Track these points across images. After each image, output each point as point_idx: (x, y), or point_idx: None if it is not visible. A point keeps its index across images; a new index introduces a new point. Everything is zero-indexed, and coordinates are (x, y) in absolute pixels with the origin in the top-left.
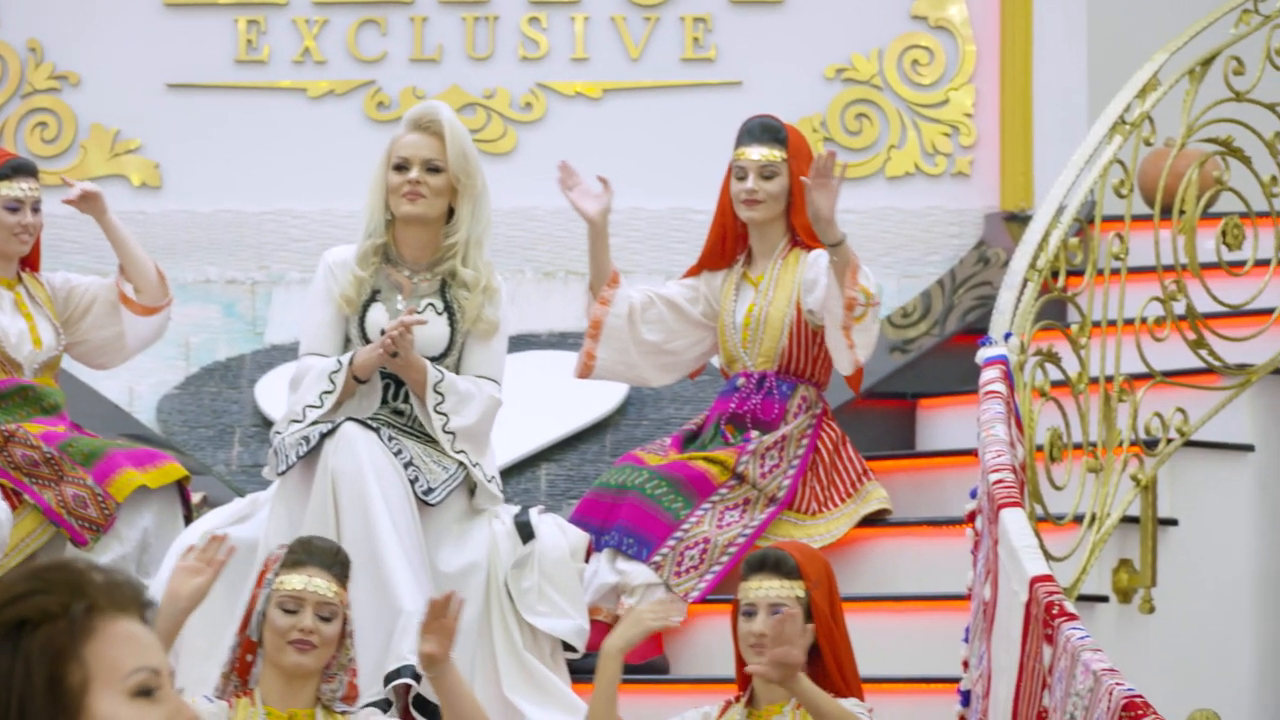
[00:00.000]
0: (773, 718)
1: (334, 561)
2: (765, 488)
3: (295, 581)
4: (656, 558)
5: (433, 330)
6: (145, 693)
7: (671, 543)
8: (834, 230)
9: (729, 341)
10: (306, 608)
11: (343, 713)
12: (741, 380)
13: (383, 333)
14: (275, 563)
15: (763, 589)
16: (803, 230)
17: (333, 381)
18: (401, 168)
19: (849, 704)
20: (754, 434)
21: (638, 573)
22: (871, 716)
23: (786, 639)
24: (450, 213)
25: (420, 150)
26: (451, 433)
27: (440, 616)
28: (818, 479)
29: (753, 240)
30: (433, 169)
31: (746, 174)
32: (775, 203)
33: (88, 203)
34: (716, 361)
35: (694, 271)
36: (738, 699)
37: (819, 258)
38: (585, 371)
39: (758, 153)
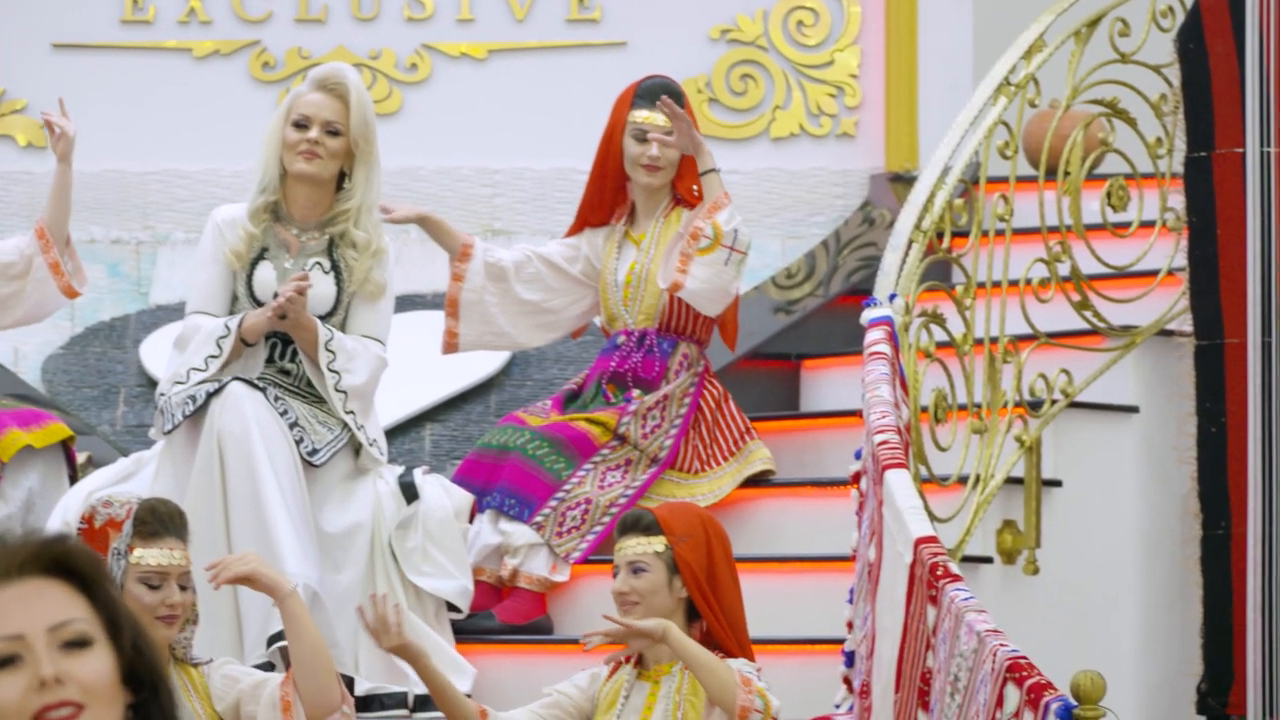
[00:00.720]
0: (661, 678)
1: (183, 525)
2: (647, 448)
3: (157, 556)
4: (538, 518)
5: (320, 290)
6: (3, 662)
7: (553, 503)
8: (706, 159)
9: (610, 300)
10: (170, 581)
11: (195, 664)
12: (622, 338)
13: (275, 296)
14: (121, 528)
15: (624, 548)
16: (685, 191)
17: (219, 346)
18: (301, 125)
19: (737, 664)
20: (635, 393)
21: (520, 533)
22: (760, 676)
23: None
24: (341, 176)
25: (322, 111)
26: (343, 391)
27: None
28: (700, 437)
29: (636, 200)
30: (332, 131)
31: (647, 137)
32: (673, 167)
33: (64, 141)
34: (598, 321)
35: (574, 230)
36: (627, 660)
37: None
38: (449, 349)
39: (662, 117)
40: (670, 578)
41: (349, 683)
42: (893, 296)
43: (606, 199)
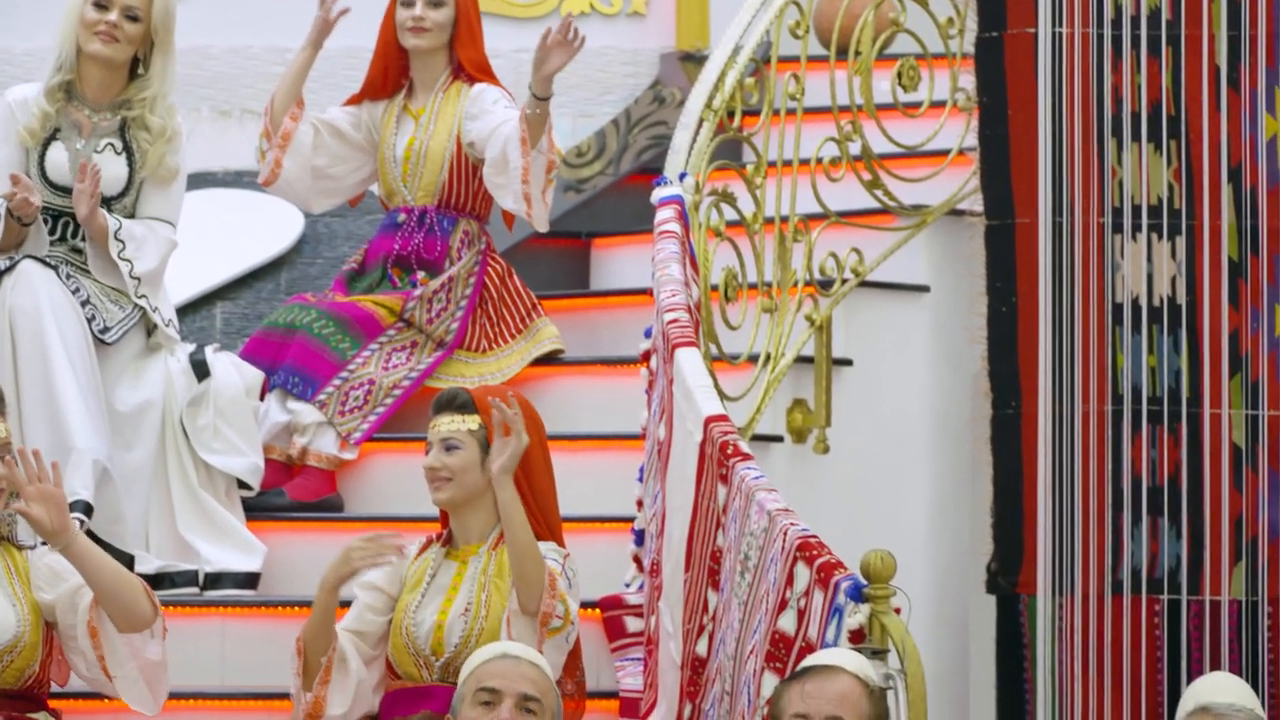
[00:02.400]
0: (469, 558)
1: (1, 399)
2: (433, 332)
3: None
4: (321, 397)
5: (111, 171)
6: None
7: (337, 382)
8: (549, 86)
9: (389, 175)
10: None
11: (20, 547)
12: (402, 216)
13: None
14: None
15: (437, 426)
16: (468, 63)
17: None
18: (101, 6)
19: (548, 555)
20: (420, 276)
21: (308, 412)
22: (569, 565)
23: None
24: (135, 60)
25: None
26: (136, 278)
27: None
28: (487, 316)
29: (414, 71)
30: (132, 17)
31: (413, 1)
32: (441, 32)
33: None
34: (376, 190)
35: (355, 100)
36: (438, 537)
37: (483, 93)
38: (271, 179)
39: None
40: (482, 456)
41: (129, 561)
42: (683, 175)
43: (390, 73)
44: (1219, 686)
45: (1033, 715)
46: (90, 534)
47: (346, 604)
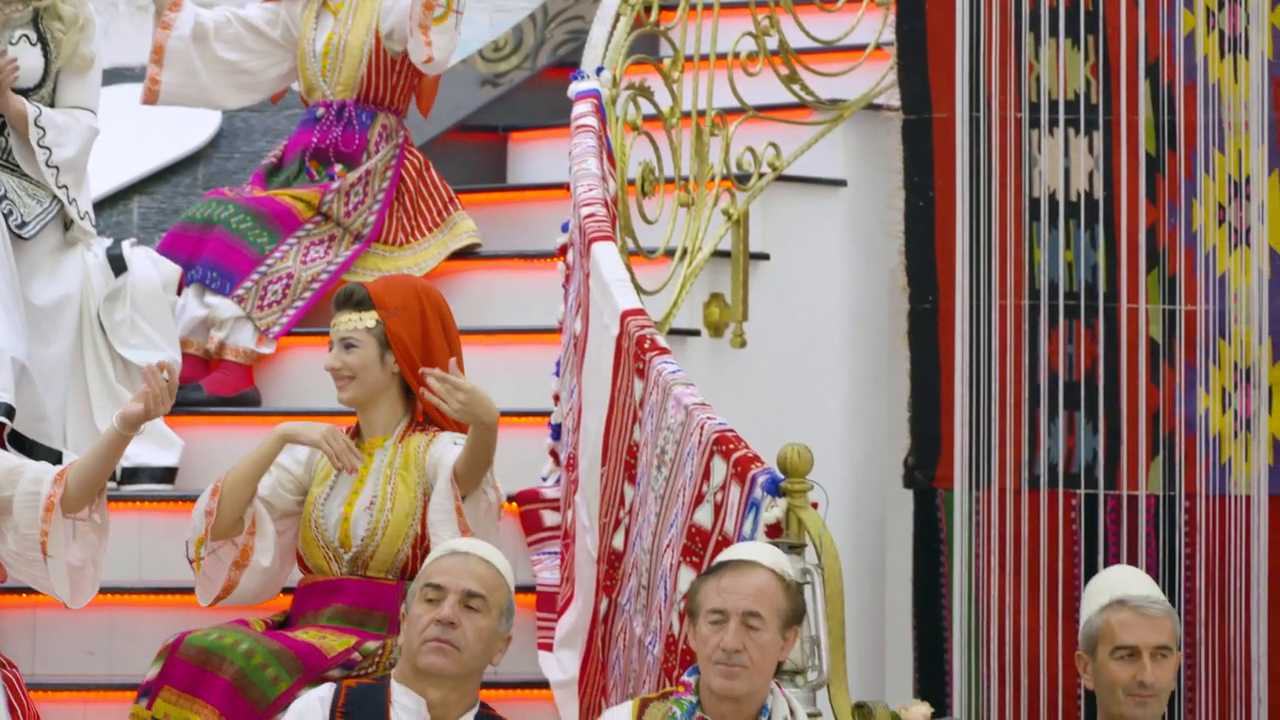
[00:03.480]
0: (375, 451)
1: None
2: (350, 225)
3: None
4: (239, 291)
5: (27, 63)
6: None
7: (255, 277)
8: None
9: (309, 70)
10: None
11: None
12: (321, 110)
13: None
14: None
15: (336, 324)
16: None
17: None
18: None
19: (448, 437)
20: (338, 169)
21: (225, 306)
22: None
23: (359, 369)
24: None
25: None
26: (55, 166)
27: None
28: (404, 209)
29: None
30: None
31: None
32: None
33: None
34: (296, 88)
35: None
36: (347, 431)
37: None
38: (150, 98)
39: None
40: (382, 353)
41: (57, 458)
42: (600, 70)
43: None
44: (1130, 580)
45: (949, 609)
46: (15, 435)
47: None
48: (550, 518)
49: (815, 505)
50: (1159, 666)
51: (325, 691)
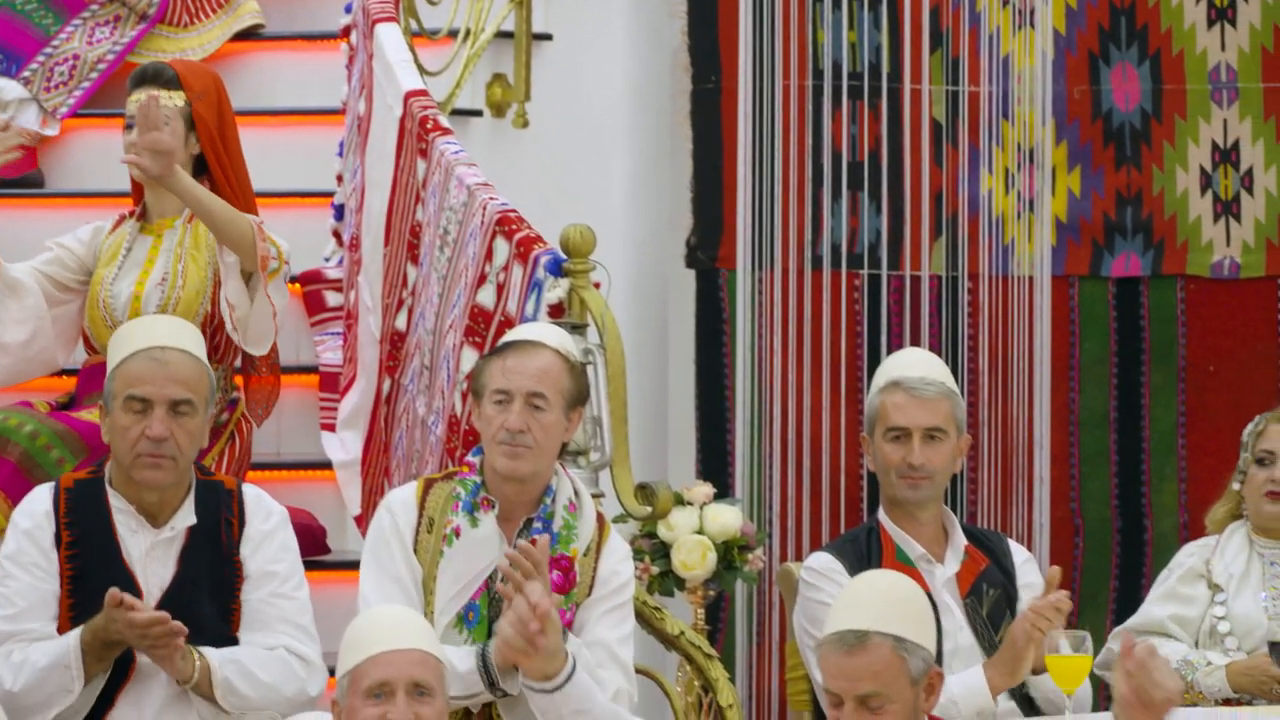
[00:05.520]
0: (164, 232)
1: None
2: (136, 5)
3: None
4: (26, 73)
5: None
6: None
7: (41, 58)
8: None
9: None
10: None
11: None
12: None
13: None
14: None
15: (140, 100)
16: None
17: None
18: None
19: (246, 217)
20: None
21: (10, 88)
22: (264, 229)
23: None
24: None
25: None
26: None
27: None
28: None
29: None
30: None
31: None
32: None
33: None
34: None
35: None
36: (131, 214)
37: None
38: None
39: None
40: (187, 133)
41: None
42: None
43: None
44: (910, 362)
45: (731, 390)
46: None
47: None
48: (333, 298)
49: (598, 285)
50: (930, 449)
51: (45, 492)
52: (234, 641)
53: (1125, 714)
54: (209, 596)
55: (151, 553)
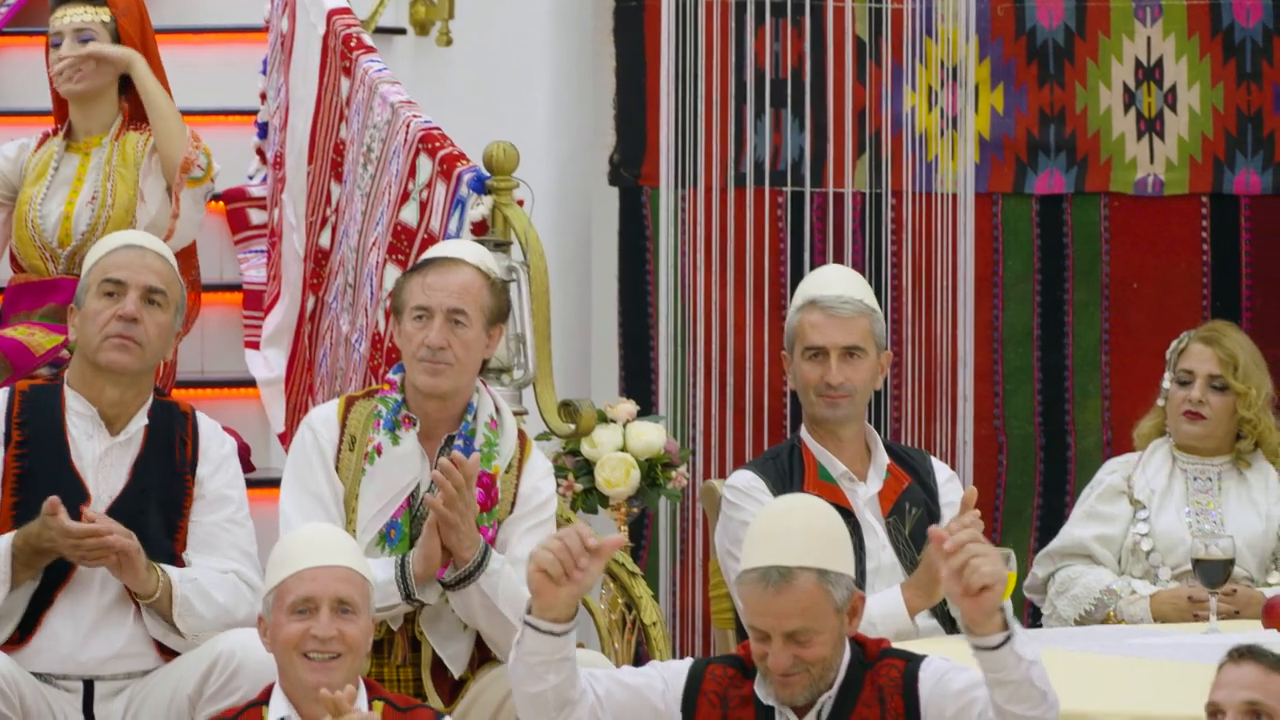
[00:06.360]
0: (92, 150)
1: None
2: None
3: None
4: None
5: None
6: None
7: None
8: None
9: None
10: None
11: None
12: None
13: None
14: None
15: (66, 16)
16: None
17: None
18: None
19: None
20: None
21: None
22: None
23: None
24: None
25: None
26: None
27: None
28: None
29: None
30: None
31: None
32: None
33: None
34: None
35: None
36: (55, 131)
37: None
38: None
39: None
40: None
41: None
42: None
43: None
44: (828, 280)
45: (655, 308)
46: None
47: None
48: (257, 216)
49: (520, 203)
50: (849, 367)
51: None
52: (177, 559)
53: (960, 610)
54: (156, 509)
55: (105, 459)
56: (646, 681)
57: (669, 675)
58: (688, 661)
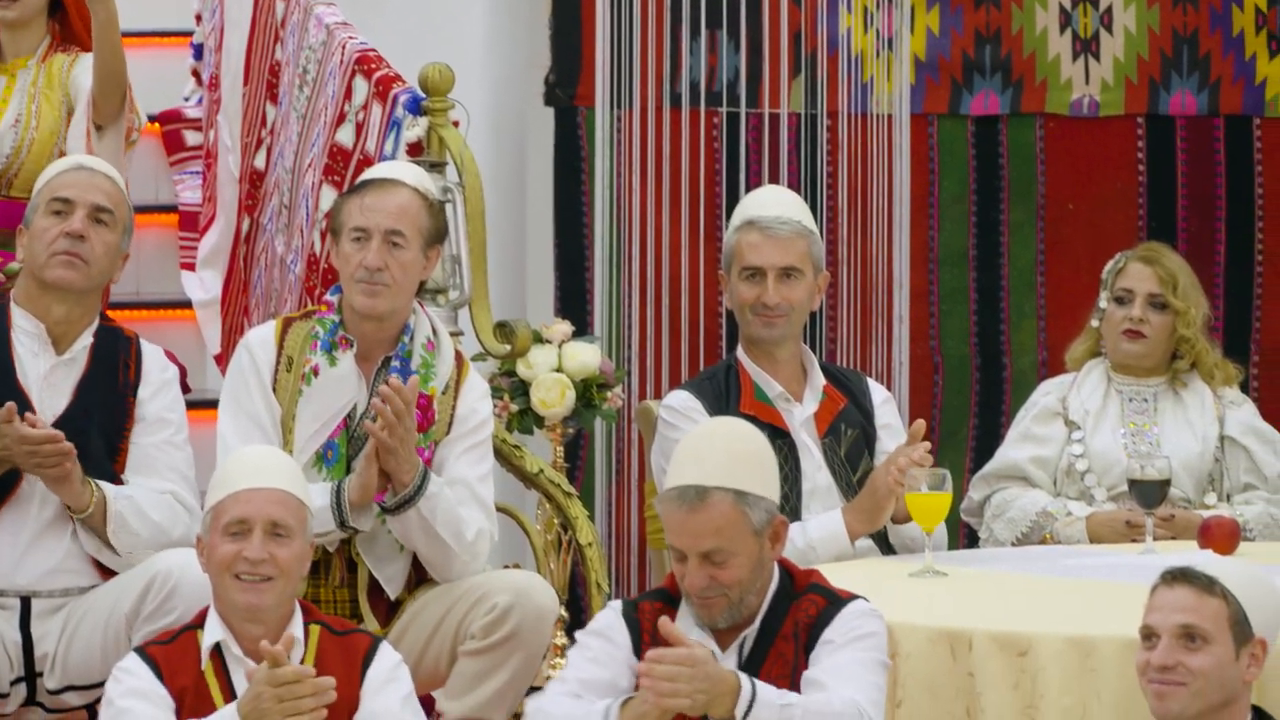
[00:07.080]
0: (18, 71)
1: None
2: None
3: None
4: None
5: None
6: None
7: None
8: None
9: None
10: None
11: None
12: None
13: None
14: None
15: None
16: None
17: None
18: None
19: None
20: None
21: None
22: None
23: None
24: None
25: None
26: None
27: None
28: None
29: None
30: None
31: None
32: None
33: None
34: None
35: None
36: None
37: None
38: None
39: None
40: None
41: None
42: None
43: None
44: (765, 200)
45: (590, 228)
46: None
47: None
48: (192, 138)
49: (456, 124)
50: (785, 287)
51: None
52: (117, 479)
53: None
54: (98, 430)
55: (50, 377)
56: (607, 653)
57: (614, 635)
58: (617, 608)
